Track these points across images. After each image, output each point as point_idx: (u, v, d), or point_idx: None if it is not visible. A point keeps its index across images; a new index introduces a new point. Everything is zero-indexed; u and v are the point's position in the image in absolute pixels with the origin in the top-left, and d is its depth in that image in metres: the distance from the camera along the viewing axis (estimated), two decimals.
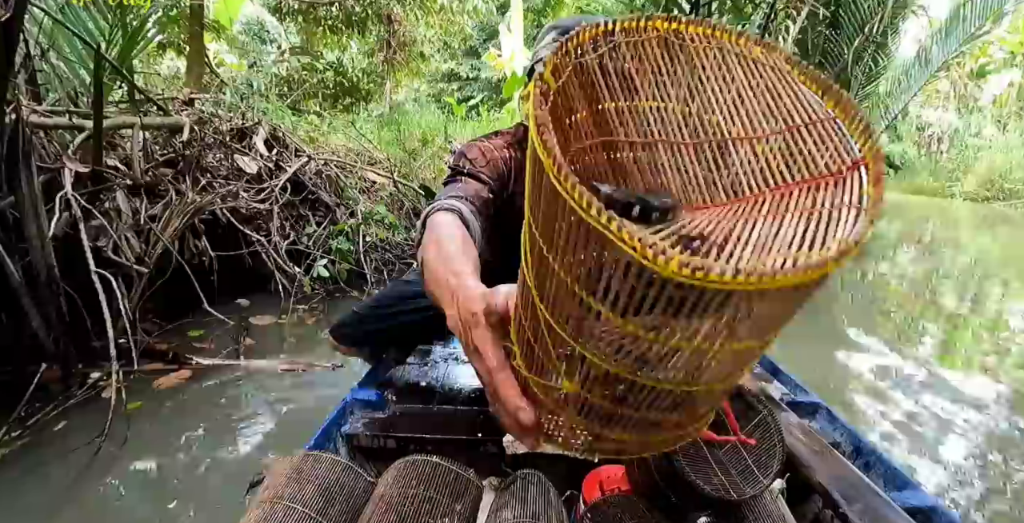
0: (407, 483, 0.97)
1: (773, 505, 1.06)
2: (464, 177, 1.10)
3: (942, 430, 2.26)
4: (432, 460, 1.02)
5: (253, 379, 2.37)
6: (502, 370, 0.47)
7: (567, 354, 0.38)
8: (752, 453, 1.02)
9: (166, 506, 1.58)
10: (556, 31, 1.11)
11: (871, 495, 1.13)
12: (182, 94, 3.68)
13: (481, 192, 1.07)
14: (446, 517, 0.92)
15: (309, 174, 3.77)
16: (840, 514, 1.10)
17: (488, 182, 1.10)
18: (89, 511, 1.55)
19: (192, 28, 5.70)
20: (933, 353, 3.21)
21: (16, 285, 2.02)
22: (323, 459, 1.00)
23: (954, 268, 6.13)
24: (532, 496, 0.99)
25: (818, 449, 1.29)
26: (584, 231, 0.29)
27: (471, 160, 1.13)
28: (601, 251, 0.30)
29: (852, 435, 1.48)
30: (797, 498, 1.23)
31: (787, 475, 1.21)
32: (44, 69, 2.80)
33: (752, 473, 0.99)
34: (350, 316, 1.56)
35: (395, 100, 11.28)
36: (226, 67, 10.47)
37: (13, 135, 1.93)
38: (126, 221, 2.47)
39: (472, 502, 1.00)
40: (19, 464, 1.71)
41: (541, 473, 1.09)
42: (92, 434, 1.82)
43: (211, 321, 2.82)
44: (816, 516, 1.22)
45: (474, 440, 1.38)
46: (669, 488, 0.99)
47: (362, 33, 9.51)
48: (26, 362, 2.09)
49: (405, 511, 0.90)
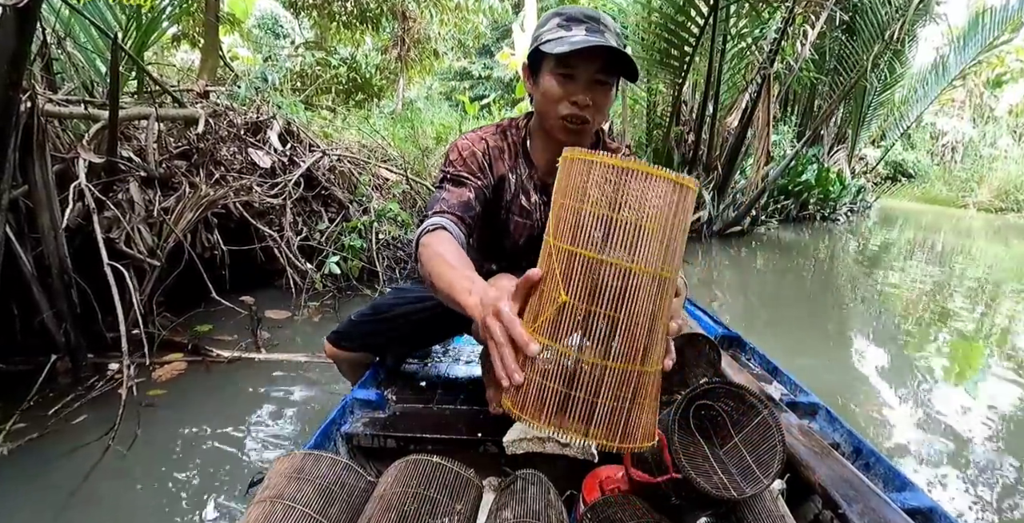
0: (407, 483, 0.97)
1: (773, 505, 1.06)
2: (447, 184, 1.24)
3: (953, 439, 2.22)
4: (432, 460, 1.02)
5: (262, 374, 2.35)
6: (515, 327, 0.67)
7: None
8: (752, 453, 1.02)
9: (170, 504, 1.55)
10: (560, 17, 1.15)
11: (871, 496, 1.13)
12: (197, 86, 3.65)
13: (462, 196, 1.21)
14: (446, 517, 0.92)
15: (323, 170, 3.73)
16: (840, 515, 1.10)
17: (468, 182, 1.23)
18: (93, 507, 1.52)
19: (208, 19, 5.67)
20: (943, 362, 3.16)
21: (28, 276, 1.99)
22: (323, 459, 1.01)
23: (965, 278, 6.05)
24: (532, 496, 0.99)
25: (818, 450, 1.29)
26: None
27: (452, 163, 1.26)
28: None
29: (852, 436, 1.48)
30: (797, 498, 1.24)
31: (787, 476, 1.22)
32: (60, 58, 2.78)
33: (752, 473, 0.99)
34: (347, 323, 1.57)
35: (407, 97, 11.26)
36: (240, 61, 10.48)
37: (28, 123, 1.90)
38: (139, 213, 2.45)
39: (472, 502, 1.01)
40: (27, 458, 1.68)
41: (541, 473, 1.09)
42: (103, 425, 1.79)
43: (220, 315, 2.79)
44: (816, 516, 1.22)
45: (474, 440, 1.38)
46: (669, 488, 0.98)
47: (376, 29, 9.47)
48: (36, 353, 2.06)
49: (405, 511, 0.90)
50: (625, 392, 0.65)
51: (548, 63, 1.14)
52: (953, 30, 10.60)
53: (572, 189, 0.65)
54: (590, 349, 0.65)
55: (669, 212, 0.63)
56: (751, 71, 6.50)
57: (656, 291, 0.65)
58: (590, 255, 0.63)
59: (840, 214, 11.04)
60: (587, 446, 1.31)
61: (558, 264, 0.65)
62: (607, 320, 0.63)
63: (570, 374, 0.64)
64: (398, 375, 1.75)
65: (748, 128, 6.43)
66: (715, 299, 4.29)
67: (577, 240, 0.63)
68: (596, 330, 0.64)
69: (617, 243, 0.62)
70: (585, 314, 0.64)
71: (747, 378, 1.72)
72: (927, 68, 11.95)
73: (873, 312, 4.31)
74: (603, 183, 0.63)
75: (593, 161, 0.63)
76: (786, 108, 9.98)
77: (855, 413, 2.37)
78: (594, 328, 0.64)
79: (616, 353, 0.64)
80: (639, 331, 0.64)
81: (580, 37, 1.09)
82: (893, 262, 6.80)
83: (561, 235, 0.66)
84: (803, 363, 2.79)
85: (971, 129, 19.87)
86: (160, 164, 2.76)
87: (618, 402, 0.64)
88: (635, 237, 0.62)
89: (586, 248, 0.63)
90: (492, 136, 1.32)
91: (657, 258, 0.63)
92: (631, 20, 6.54)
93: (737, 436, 1.07)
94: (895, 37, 7.41)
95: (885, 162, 16.49)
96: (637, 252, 0.62)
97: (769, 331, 3.55)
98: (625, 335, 0.64)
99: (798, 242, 7.86)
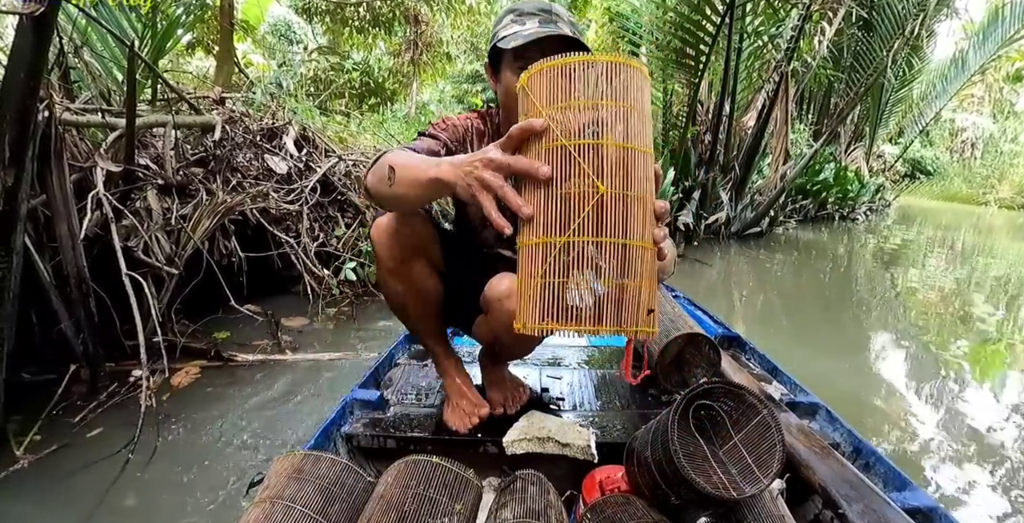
0: (407, 483, 0.98)
1: (773, 505, 1.06)
2: (422, 138, 1.26)
3: (973, 440, 2.14)
4: (432, 460, 1.03)
5: (283, 379, 2.32)
6: (520, 159, 0.69)
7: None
8: (752, 453, 1.03)
9: (193, 514, 1.52)
10: (514, 13, 1.19)
11: (871, 495, 1.13)
12: (213, 93, 3.65)
13: (433, 147, 1.22)
14: (446, 517, 0.93)
15: (339, 175, 3.72)
16: (840, 514, 1.11)
17: (443, 140, 1.25)
18: (106, 519, 1.50)
19: (222, 26, 5.69)
20: (963, 362, 3.07)
21: (46, 285, 1.98)
22: (323, 459, 1.02)
23: (987, 276, 5.92)
24: (532, 496, 1.00)
25: (818, 449, 1.30)
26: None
27: (434, 125, 1.30)
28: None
29: (852, 436, 1.48)
30: (797, 498, 1.26)
31: (787, 475, 1.24)
32: (77, 66, 2.78)
33: (752, 473, 1.00)
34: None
35: (420, 100, 11.27)
36: (253, 67, 10.54)
37: (46, 132, 1.89)
38: (157, 221, 2.43)
39: (472, 502, 1.02)
40: (47, 471, 1.66)
41: (541, 473, 1.11)
42: (122, 435, 1.78)
43: (239, 322, 2.78)
44: (816, 516, 1.23)
45: (474, 440, 1.39)
46: (669, 488, 0.99)
47: (389, 33, 9.50)
48: (54, 363, 2.05)
49: (405, 511, 0.91)
50: (630, 268, 0.67)
51: (506, 58, 1.18)
52: (971, 25, 10.44)
53: (550, 95, 0.69)
54: (583, 230, 0.66)
55: (636, 93, 0.68)
56: (767, 70, 6.41)
57: (646, 165, 0.70)
58: (593, 142, 0.66)
59: (859, 213, 10.90)
60: (587, 447, 1.34)
61: (553, 160, 0.68)
62: (611, 203, 0.66)
63: (568, 266, 0.66)
64: (398, 375, 1.77)
65: (765, 127, 6.35)
66: (731, 303, 4.22)
67: (572, 134, 0.67)
68: (598, 215, 0.66)
69: (607, 128, 0.67)
70: (581, 197, 0.66)
71: (747, 378, 1.73)
72: (946, 63, 11.78)
73: (893, 313, 4.22)
74: (573, 81, 0.68)
75: (554, 68, 0.68)
76: (802, 106, 9.86)
77: (874, 413, 2.31)
78: (596, 213, 0.66)
79: (612, 231, 0.66)
80: (635, 207, 0.67)
81: (533, 29, 1.12)
82: (912, 261, 6.67)
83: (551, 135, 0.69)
84: (824, 367, 2.72)
85: (991, 124, 19.55)
86: (177, 172, 2.75)
87: (623, 279, 0.67)
88: (619, 120, 0.67)
89: (582, 138, 0.66)
90: (475, 118, 1.36)
91: (642, 136, 0.69)
92: (645, 19, 6.47)
93: (737, 436, 1.07)
94: (914, 33, 7.30)
95: (903, 159, 16.27)
96: (629, 132, 0.67)
97: (788, 333, 3.48)
98: (623, 212, 0.67)
99: (817, 242, 7.74)
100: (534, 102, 0.70)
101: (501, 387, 1.58)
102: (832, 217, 10.07)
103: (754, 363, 2.02)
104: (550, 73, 0.69)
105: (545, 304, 0.66)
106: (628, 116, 0.67)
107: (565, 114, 0.67)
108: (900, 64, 9.38)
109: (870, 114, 11.38)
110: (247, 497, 1.06)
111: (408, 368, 1.84)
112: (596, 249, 0.66)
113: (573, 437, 1.35)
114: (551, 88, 0.68)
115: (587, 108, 0.67)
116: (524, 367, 1.82)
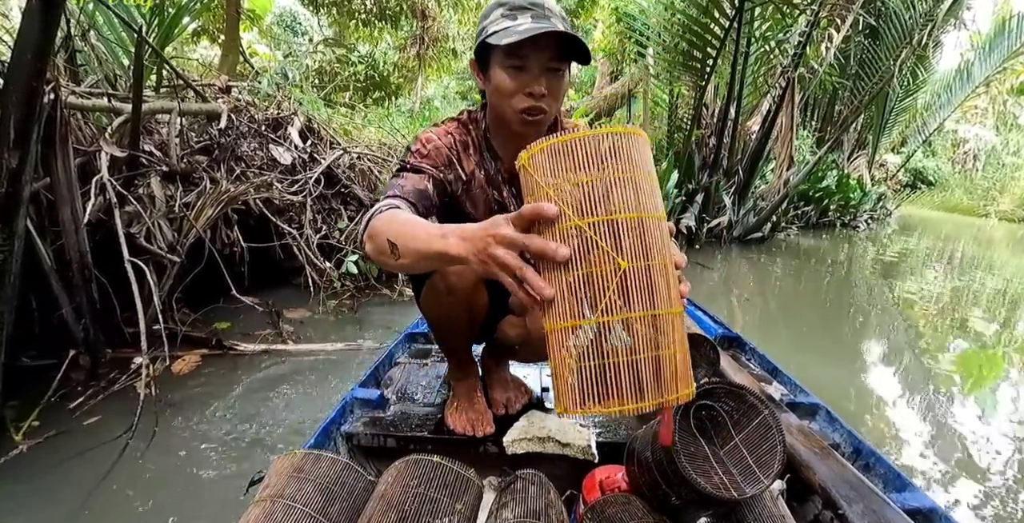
0: (407, 482, 0.98)
1: (773, 505, 1.06)
2: (405, 173, 1.17)
3: (969, 450, 2.14)
4: (433, 459, 1.03)
5: (281, 369, 2.31)
6: (534, 239, 0.65)
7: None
8: (753, 453, 1.03)
9: (189, 502, 1.51)
10: (503, 7, 1.11)
11: (871, 496, 1.13)
12: (219, 81, 3.63)
13: (419, 184, 1.14)
14: (446, 516, 0.93)
15: (343, 167, 3.70)
16: (840, 515, 1.11)
17: (427, 171, 1.18)
18: (110, 507, 1.49)
19: (229, 14, 5.66)
20: (957, 374, 3.07)
21: (47, 270, 1.97)
22: (323, 458, 1.01)
23: (985, 289, 5.92)
24: (532, 496, 1.00)
25: (818, 450, 1.30)
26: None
27: (413, 153, 1.21)
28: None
29: (852, 436, 1.48)
30: (797, 499, 1.26)
31: (787, 476, 1.24)
32: (83, 50, 2.76)
33: (752, 473, 1.00)
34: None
35: (424, 96, 11.24)
36: (258, 57, 10.50)
37: (51, 115, 1.87)
38: (160, 208, 2.42)
39: (472, 501, 1.01)
40: (45, 456, 1.65)
41: (541, 473, 1.10)
42: (120, 421, 1.77)
43: (239, 312, 2.76)
44: (816, 517, 1.22)
45: (474, 440, 1.39)
46: (670, 488, 0.99)
47: (395, 27, 9.47)
48: (54, 348, 2.04)
49: (406, 510, 0.91)
50: (663, 338, 0.65)
51: (497, 56, 1.10)
52: (978, 36, 10.44)
53: (554, 173, 0.67)
54: (613, 307, 0.64)
55: (641, 160, 0.66)
56: (773, 75, 6.40)
57: (662, 228, 0.68)
58: (607, 218, 0.64)
59: (860, 221, 10.90)
60: (587, 446, 1.34)
61: (570, 241, 0.65)
62: (635, 276, 0.64)
63: (600, 346, 0.64)
64: (398, 375, 1.77)
65: (770, 132, 6.34)
66: (731, 307, 4.22)
67: (584, 212, 0.64)
68: (623, 292, 0.64)
69: (618, 201, 0.64)
70: (603, 275, 0.64)
71: (747, 378, 1.73)
72: (950, 74, 11.79)
73: (890, 321, 4.22)
74: (578, 157, 0.65)
75: (555, 145, 0.66)
76: (806, 113, 9.86)
77: (870, 419, 2.31)
78: (621, 290, 0.64)
79: (640, 304, 0.64)
80: (658, 275, 0.66)
81: (527, 25, 1.05)
82: (911, 271, 6.67)
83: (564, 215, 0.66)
84: (821, 376, 2.72)
85: (993, 137, 19.57)
86: (182, 159, 2.74)
87: (659, 350, 0.65)
88: (630, 190, 0.65)
89: (595, 215, 0.64)
90: (456, 130, 1.28)
91: (654, 201, 0.67)
92: (653, 21, 6.47)
93: (737, 436, 1.07)
94: (920, 43, 7.29)
95: (905, 169, 16.28)
96: (640, 201, 0.65)
97: (785, 337, 3.48)
98: (648, 283, 0.65)
99: (818, 249, 7.74)
100: (539, 183, 0.67)
101: (503, 387, 1.57)
102: (833, 224, 10.07)
103: (754, 363, 2.02)
104: (551, 150, 0.67)
105: (584, 386, 0.65)
106: (638, 183, 0.65)
107: (573, 193, 0.65)
108: (905, 74, 9.37)
109: (874, 123, 11.38)
110: (247, 496, 1.05)
111: (408, 367, 1.83)
112: (625, 326, 0.64)
113: (573, 437, 1.35)
114: (554, 166, 0.66)
115: (595, 182, 0.64)
116: (525, 367, 1.82)
